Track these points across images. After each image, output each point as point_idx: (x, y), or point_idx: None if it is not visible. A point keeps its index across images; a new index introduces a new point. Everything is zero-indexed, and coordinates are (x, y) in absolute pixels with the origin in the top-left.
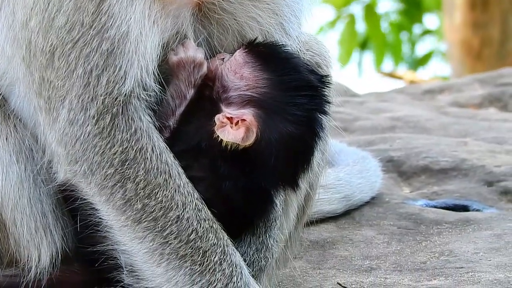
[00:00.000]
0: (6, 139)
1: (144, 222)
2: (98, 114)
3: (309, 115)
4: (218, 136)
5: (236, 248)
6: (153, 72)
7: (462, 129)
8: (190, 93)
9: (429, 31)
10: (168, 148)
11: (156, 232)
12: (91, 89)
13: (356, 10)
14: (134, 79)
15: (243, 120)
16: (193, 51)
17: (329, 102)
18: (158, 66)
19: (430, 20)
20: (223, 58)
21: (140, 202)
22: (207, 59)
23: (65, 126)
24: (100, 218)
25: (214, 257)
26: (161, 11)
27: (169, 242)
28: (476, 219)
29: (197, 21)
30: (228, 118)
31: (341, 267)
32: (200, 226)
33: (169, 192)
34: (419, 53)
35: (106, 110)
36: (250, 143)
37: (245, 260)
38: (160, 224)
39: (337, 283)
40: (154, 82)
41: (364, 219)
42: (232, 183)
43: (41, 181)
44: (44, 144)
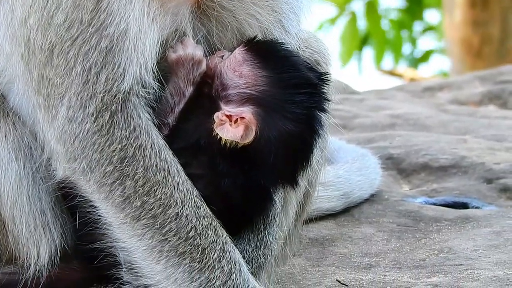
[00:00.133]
0: (5, 136)
1: (143, 219)
2: (97, 112)
3: (308, 112)
4: (217, 134)
5: (235, 245)
6: (152, 69)
7: (462, 126)
8: (189, 90)
9: (431, 28)
10: (167, 146)
11: (155, 229)
12: (90, 86)
13: (357, 7)
14: (133, 76)
15: (242, 118)
16: (192, 49)
17: (328, 100)
18: (157, 64)
19: (431, 15)
20: (222, 56)
21: (139, 199)
22: (206, 57)
23: (64, 123)
24: (99, 216)
25: (213, 254)
26: (160, 8)
27: (168, 239)
28: (475, 216)
29: (196, 18)
30: (227, 116)
31: (340, 264)
32: (199, 224)
33: (168, 189)
34: (420, 50)
35: (105, 108)
36: (249, 141)
37: (244, 257)
38: (159, 221)
39: (337, 280)
40: (153, 80)
41: (364, 216)
42: (231, 181)
43: (40, 179)
44: (43, 141)
